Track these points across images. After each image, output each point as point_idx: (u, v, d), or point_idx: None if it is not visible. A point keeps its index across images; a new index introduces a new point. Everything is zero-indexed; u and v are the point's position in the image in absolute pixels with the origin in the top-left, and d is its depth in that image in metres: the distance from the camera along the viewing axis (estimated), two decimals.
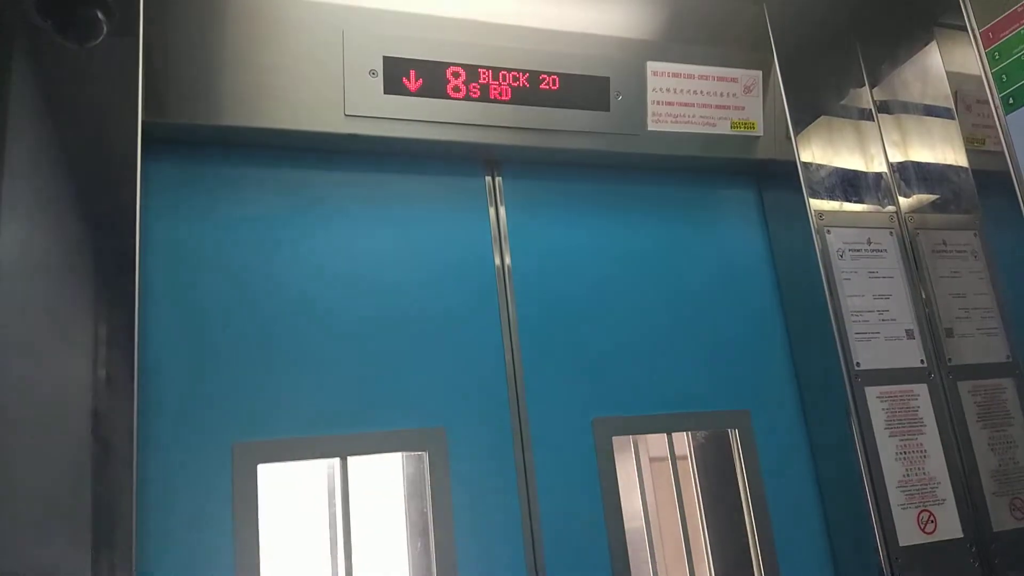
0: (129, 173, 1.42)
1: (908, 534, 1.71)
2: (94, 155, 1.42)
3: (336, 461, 1.57)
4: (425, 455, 1.61)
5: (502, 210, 1.84)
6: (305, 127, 1.62)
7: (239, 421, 1.51)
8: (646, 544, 1.76)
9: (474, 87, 1.72)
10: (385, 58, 1.67)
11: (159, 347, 1.50)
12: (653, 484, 1.84)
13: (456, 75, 1.71)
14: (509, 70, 1.75)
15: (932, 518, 1.75)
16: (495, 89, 1.74)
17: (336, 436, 1.57)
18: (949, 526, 1.76)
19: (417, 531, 1.61)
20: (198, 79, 1.56)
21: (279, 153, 1.68)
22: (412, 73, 1.68)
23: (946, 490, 1.78)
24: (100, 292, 1.36)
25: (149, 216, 1.54)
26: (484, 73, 1.73)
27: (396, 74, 1.67)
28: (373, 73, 1.66)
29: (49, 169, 1.38)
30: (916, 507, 1.74)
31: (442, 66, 1.70)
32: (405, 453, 1.64)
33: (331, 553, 1.54)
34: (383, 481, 1.67)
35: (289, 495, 1.59)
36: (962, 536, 1.76)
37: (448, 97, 1.70)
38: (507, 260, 1.80)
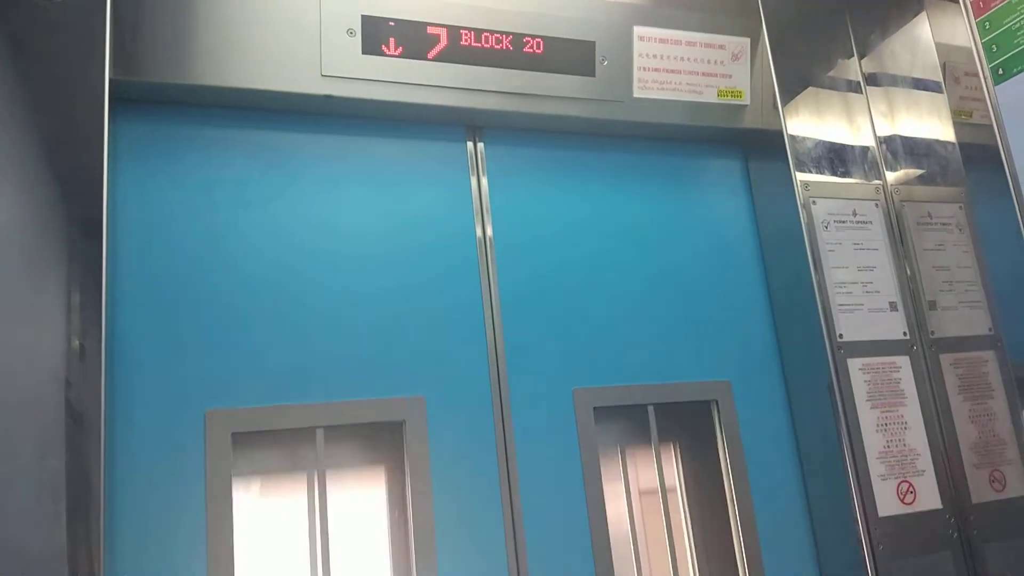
0: (96, 133, 1.38)
1: (887, 505, 1.72)
2: (59, 114, 1.37)
3: (312, 430, 1.54)
4: (404, 424, 1.59)
5: (484, 180, 1.80)
6: (280, 87, 1.57)
7: (213, 388, 1.48)
8: (627, 515, 1.76)
9: (455, 49, 1.68)
10: (363, 17, 1.62)
11: (129, 312, 1.46)
12: (636, 459, 1.84)
13: (437, 36, 1.67)
14: (492, 32, 1.71)
15: (912, 489, 1.75)
16: (477, 51, 1.70)
17: (313, 404, 1.54)
18: (928, 497, 1.76)
19: (394, 500, 1.60)
20: (169, 35, 1.51)
21: (253, 114, 1.63)
22: (391, 33, 1.63)
23: (926, 462, 1.79)
24: (67, 256, 1.33)
25: (117, 178, 1.50)
26: (466, 34, 1.69)
27: (375, 34, 1.62)
28: (351, 32, 1.61)
29: (11, 128, 1.33)
30: (896, 478, 1.75)
31: (423, 26, 1.66)
32: (384, 422, 1.62)
33: (308, 523, 1.52)
34: (361, 449, 1.65)
35: (265, 463, 1.56)
36: (941, 507, 1.77)
37: (428, 59, 1.66)
38: (488, 231, 1.77)
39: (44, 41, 1.38)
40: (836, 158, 1.97)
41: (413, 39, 1.65)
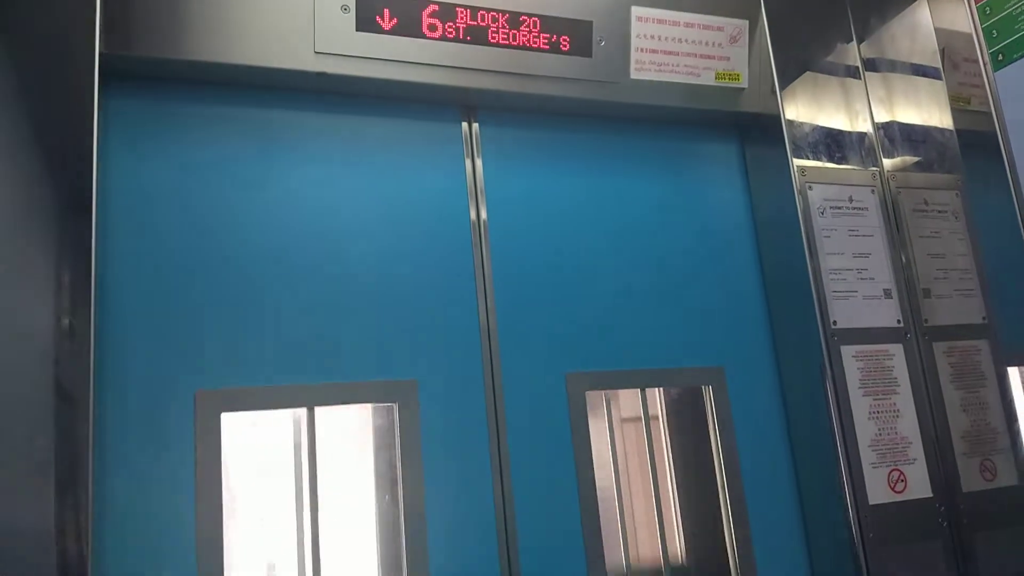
0: (86, 108, 1.36)
1: (878, 493, 1.72)
2: (49, 89, 1.35)
3: (303, 412, 1.53)
4: (395, 407, 1.58)
5: (479, 161, 1.79)
6: (273, 64, 1.55)
7: (203, 368, 1.47)
8: (615, 498, 1.76)
9: (451, 26, 1.66)
10: None
11: (119, 290, 1.45)
12: (624, 442, 1.83)
13: (433, 13, 1.64)
14: (488, 10, 1.68)
15: (902, 477, 1.76)
16: (473, 29, 1.67)
17: (304, 386, 1.53)
18: (919, 486, 1.77)
19: (385, 483, 1.59)
20: (161, 9, 1.48)
21: (245, 91, 1.62)
22: (386, 10, 1.61)
23: (917, 450, 1.79)
24: (56, 233, 1.31)
25: (108, 154, 1.48)
26: (462, 12, 1.66)
27: (369, 10, 1.60)
28: (345, 8, 1.58)
29: (0, 104, 1.30)
30: (887, 466, 1.75)
31: (418, 3, 1.63)
32: (375, 405, 1.61)
33: (296, 505, 1.52)
34: (352, 432, 1.64)
35: (254, 445, 1.56)
36: (931, 496, 1.77)
37: (424, 36, 1.64)
38: (483, 213, 1.76)
39: (34, 13, 1.35)
40: (833, 144, 1.96)
41: (408, 16, 1.63)
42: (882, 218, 1.94)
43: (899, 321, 1.87)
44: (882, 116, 2.03)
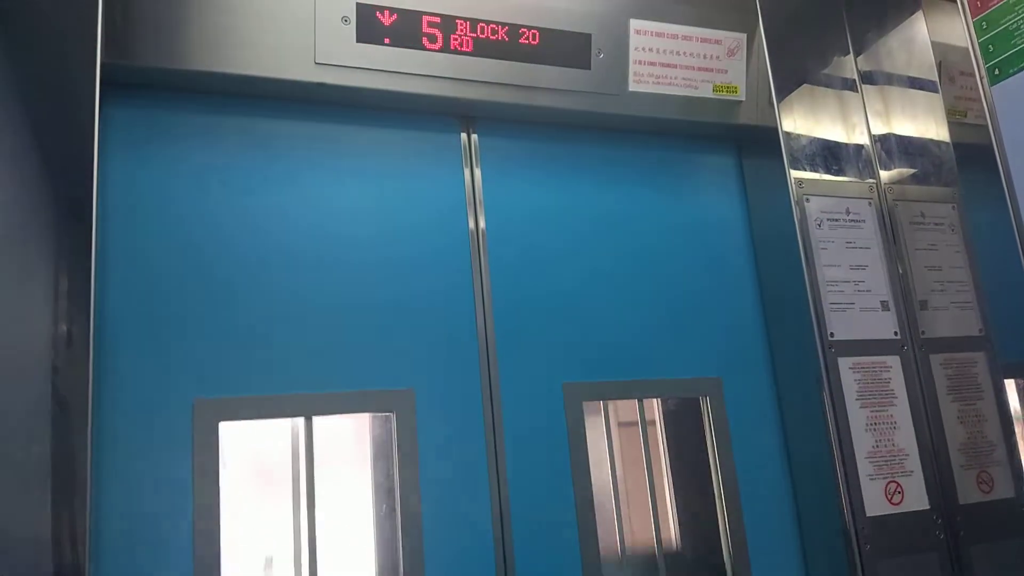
0: (86, 118, 1.36)
1: (875, 504, 1.72)
2: (50, 98, 1.36)
3: (301, 421, 1.53)
4: (393, 416, 1.58)
5: (477, 172, 1.80)
6: (273, 74, 1.56)
7: (201, 377, 1.47)
8: (613, 509, 1.76)
9: (451, 39, 1.67)
10: (359, 4, 1.60)
11: (118, 298, 1.45)
12: (622, 449, 1.83)
13: (432, 25, 1.65)
14: (488, 22, 1.70)
15: (899, 489, 1.75)
16: (473, 42, 1.68)
17: (301, 395, 1.53)
18: (916, 498, 1.76)
19: (383, 493, 1.59)
20: (162, 20, 1.49)
21: (246, 101, 1.62)
22: (386, 21, 1.62)
23: (914, 462, 1.79)
24: (55, 241, 1.31)
25: (108, 163, 1.48)
26: (462, 24, 1.68)
27: (369, 22, 1.61)
28: (346, 20, 1.59)
29: (1, 112, 1.31)
30: (884, 478, 1.75)
31: (418, 15, 1.64)
32: (372, 414, 1.61)
33: (293, 514, 1.52)
34: (349, 442, 1.64)
35: (252, 454, 1.55)
36: (929, 508, 1.77)
37: (423, 48, 1.65)
38: (481, 223, 1.76)
39: (35, 23, 1.36)
40: (830, 156, 1.97)
41: (408, 28, 1.64)
42: (879, 230, 1.95)
43: (896, 333, 1.87)
44: (879, 129, 2.04)
